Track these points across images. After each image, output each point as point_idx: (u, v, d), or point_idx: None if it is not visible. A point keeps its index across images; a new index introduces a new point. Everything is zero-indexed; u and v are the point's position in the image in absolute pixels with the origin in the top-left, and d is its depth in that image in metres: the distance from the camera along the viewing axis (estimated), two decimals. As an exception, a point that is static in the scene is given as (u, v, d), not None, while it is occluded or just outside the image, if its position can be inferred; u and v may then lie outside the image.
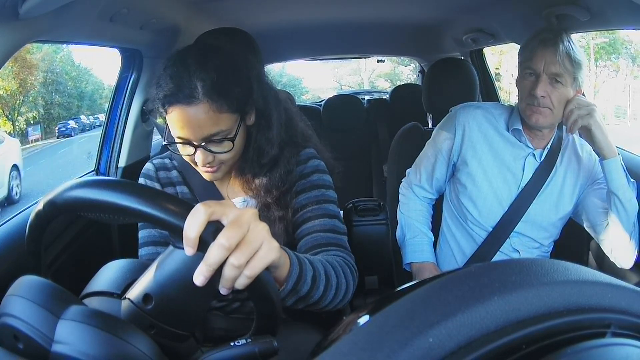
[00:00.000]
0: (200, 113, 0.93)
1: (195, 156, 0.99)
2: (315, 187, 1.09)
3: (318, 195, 1.08)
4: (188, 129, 0.95)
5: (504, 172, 1.43)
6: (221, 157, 0.99)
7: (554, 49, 1.27)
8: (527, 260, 0.41)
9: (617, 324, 0.36)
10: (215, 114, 0.94)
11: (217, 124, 0.95)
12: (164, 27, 1.77)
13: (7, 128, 13.87)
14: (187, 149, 0.99)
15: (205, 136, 0.96)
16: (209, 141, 0.97)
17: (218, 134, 0.96)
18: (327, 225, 1.06)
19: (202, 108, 0.93)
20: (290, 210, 1.08)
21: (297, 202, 1.08)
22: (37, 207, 0.69)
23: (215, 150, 0.98)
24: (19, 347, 0.59)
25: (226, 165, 1.03)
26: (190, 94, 0.93)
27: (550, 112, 1.33)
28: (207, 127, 0.95)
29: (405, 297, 0.38)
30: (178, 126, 0.96)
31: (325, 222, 1.06)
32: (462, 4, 2.12)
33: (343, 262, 1.00)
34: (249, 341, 0.67)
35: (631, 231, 1.31)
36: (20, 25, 0.99)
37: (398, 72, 19.62)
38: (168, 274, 0.66)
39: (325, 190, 1.10)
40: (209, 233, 0.61)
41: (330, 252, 1.02)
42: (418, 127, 1.84)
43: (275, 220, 1.06)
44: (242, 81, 1.00)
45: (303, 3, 2.18)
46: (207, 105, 0.93)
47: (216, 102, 0.94)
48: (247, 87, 1.00)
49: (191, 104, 0.93)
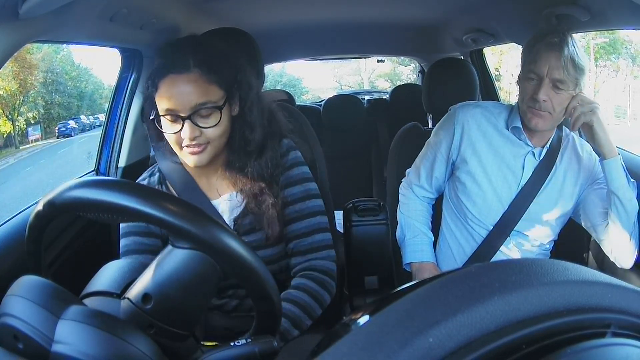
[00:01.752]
0: (190, 81, 0.99)
1: (182, 132, 1.00)
2: (297, 182, 1.12)
3: (301, 191, 1.12)
4: (178, 98, 0.98)
5: (503, 170, 1.43)
6: (208, 133, 1.01)
7: (559, 54, 1.26)
8: (527, 260, 0.41)
9: (617, 324, 0.36)
10: (205, 85, 0.99)
11: (206, 95, 1.00)
12: (164, 27, 1.77)
13: (7, 128, 13.86)
14: (174, 125, 1.01)
15: (193, 105, 0.99)
16: (197, 113, 0.99)
17: (206, 104, 1.00)
18: (312, 225, 1.12)
19: (193, 77, 0.99)
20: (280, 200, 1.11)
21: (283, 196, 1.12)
22: (37, 207, 0.69)
23: (202, 125, 1.00)
24: (19, 347, 0.59)
25: (212, 147, 1.03)
26: (182, 64, 0.99)
27: (550, 116, 1.33)
28: (196, 96, 0.99)
29: (405, 297, 0.38)
30: (167, 96, 0.99)
31: (310, 223, 1.12)
32: (462, 4, 2.12)
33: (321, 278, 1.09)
34: (249, 341, 0.67)
35: (631, 231, 1.31)
36: (20, 25, 0.99)
37: (398, 72, 19.60)
38: (167, 274, 0.66)
39: (306, 183, 1.14)
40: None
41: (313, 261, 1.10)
42: (418, 127, 1.83)
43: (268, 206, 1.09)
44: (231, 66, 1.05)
45: (303, 3, 2.18)
46: (197, 75, 0.99)
47: (206, 74, 1.00)
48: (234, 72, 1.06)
49: (182, 72, 0.99)
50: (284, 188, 1.11)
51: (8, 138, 14.07)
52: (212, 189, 1.15)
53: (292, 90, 11.42)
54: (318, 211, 1.14)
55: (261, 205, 1.08)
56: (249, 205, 1.09)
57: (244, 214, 1.11)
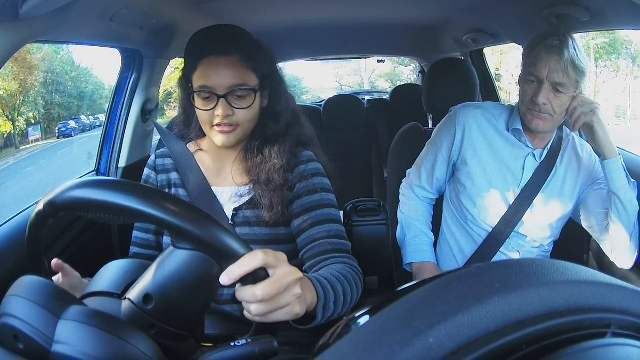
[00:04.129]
0: (229, 63, 1.05)
1: (215, 109, 1.05)
2: (317, 190, 1.12)
3: (319, 199, 1.12)
4: (217, 76, 1.04)
5: (503, 171, 1.43)
6: (239, 114, 1.06)
7: (559, 57, 1.26)
8: (527, 260, 0.41)
9: (617, 324, 0.36)
10: (242, 69, 1.06)
11: (242, 77, 1.06)
12: (164, 27, 1.77)
13: (7, 128, 13.86)
14: (208, 102, 1.06)
15: (231, 84, 1.04)
16: (232, 93, 1.05)
17: (242, 86, 1.05)
18: (332, 230, 1.10)
19: (232, 60, 1.05)
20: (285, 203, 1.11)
21: (300, 204, 1.11)
22: (38, 207, 0.69)
23: (236, 105, 1.06)
24: (19, 347, 0.59)
25: (241, 129, 1.08)
26: (223, 47, 1.06)
27: (550, 118, 1.33)
28: (235, 77, 1.05)
29: (405, 297, 0.38)
30: (206, 74, 1.05)
31: (330, 228, 1.10)
32: (462, 4, 2.12)
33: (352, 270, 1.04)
34: (249, 341, 0.67)
35: (631, 231, 1.31)
36: (20, 25, 0.99)
37: (398, 72, 19.61)
38: (168, 274, 0.66)
39: (325, 193, 1.13)
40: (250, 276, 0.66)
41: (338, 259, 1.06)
42: (418, 127, 1.83)
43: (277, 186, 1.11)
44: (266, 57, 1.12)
45: (303, 3, 2.18)
46: (236, 59, 1.05)
47: (244, 60, 1.06)
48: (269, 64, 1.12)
49: (222, 55, 1.05)
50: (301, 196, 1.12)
51: (8, 138, 14.07)
52: (221, 176, 1.17)
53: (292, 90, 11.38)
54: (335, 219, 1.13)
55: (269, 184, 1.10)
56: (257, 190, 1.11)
57: (246, 205, 1.13)
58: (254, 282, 0.67)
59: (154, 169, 1.21)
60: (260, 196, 1.11)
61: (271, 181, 1.11)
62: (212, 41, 1.08)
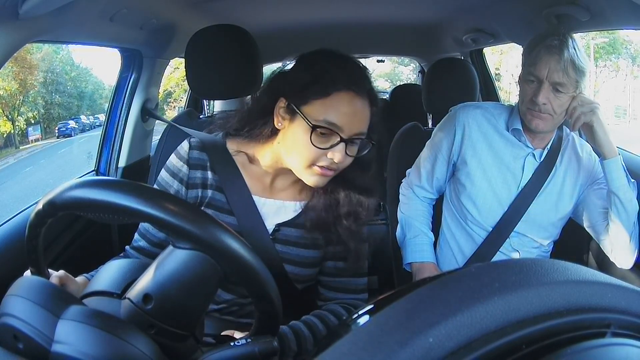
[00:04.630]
0: (365, 107, 0.96)
1: (331, 152, 0.94)
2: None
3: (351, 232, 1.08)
4: (350, 117, 0.94)
5: (503, 171, 1.43)
6: (347, 161, 0.97)
7: (559, 57, 1.26)
8: (527, 260, 0.41)
9: (617, 324, 0.36)
10: (368, 115, 0.97)
11: (366, 125, 0.97)
12: (164, 27, 1.77)
13: (7, 128, 13.86)
14: (326, 140, 0.94)
15: (356, 132, 0.95)
16: (353, 140, 0.96)
17: (363, 135, 0.97)
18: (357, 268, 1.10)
19: (367, 104, 0.96)
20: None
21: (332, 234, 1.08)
22: (37, 207, 0.69)
23: (350, 153, 0.96)
24: (19, 347, 0.59)
25: (335, 174, 1.00)
26: (362, 86, 0.95)
27: (551, 118, 1.32)
28: (363, 123, 0.97)
29: (405, 297, 0.38)
30: (339, 112, 0.93)
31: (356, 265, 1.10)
32: (462, 4, 2.12)
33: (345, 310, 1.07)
34: (249, 341, 0.67)
35: (631, 231, 1.31)
36: (20, 25, 0.99)
37: (398, 72, 19.61)
38: (168, 274, 0.66)
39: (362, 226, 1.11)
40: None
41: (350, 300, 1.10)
42: (418, 127, 1.83)
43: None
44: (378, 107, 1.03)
45: (303, 3, 2.18)
46: (368, 103, 0.97)
47: (371, 105, 0.98)
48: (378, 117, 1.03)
49: (361, 95, 0.95)
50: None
51: (8, 138, 14.06)
52: (265, 187, 1.08)
53: (292, 90, 11.33)
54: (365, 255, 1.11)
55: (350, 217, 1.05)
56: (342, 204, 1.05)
57: (290, 223, 1.07)
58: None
59: (188, 163, 1.05)
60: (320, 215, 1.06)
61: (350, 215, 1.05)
62: (352, 73, 0.96)
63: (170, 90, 13.95)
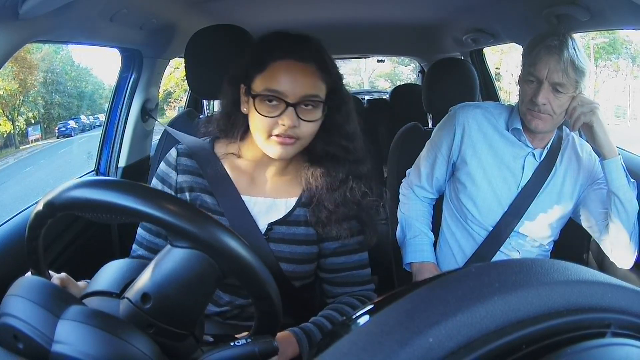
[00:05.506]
0: (307, 71, 0.98)
1: (281, 118, 0.97)
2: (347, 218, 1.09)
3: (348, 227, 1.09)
4: (290, 83, 0.97)
5: (503, 171, 1.43)
6: (303, 127, 0.99)
7: (559, 57, 1.26)
8: (527, 260, 0.41)
9: (617, 324, 0.36)
10: (317, 79, 0.99)
11: (315, 88, 0.99)
12: (164, 27, 1.77)
13: (7, 128, 13.86)
14: (273, 109, 0.97)
15: (303, 95, 0.97)
16: (302, 104, 0.98)
17: (313, 97, 0.98)
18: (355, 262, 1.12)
19: (310, 68, 0.98)
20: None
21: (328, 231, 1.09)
22: (37, 207, 0.69)
23: (303, 117, 0.98)
24: (19, 347, 0.59)
25: (299, 143, 1.01)
26: (302, 53, 0.99)
27: (550, 118, 1.33)
28: (308, 86, 0.98)
29: (405, 297, 0.38)
30: (278, 78, 0.97)
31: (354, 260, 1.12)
32: (462, 4, 2.12)
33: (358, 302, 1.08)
34: (249, 341, 0.67)
35: (631, 231, 1.31)
36: (20, 25, 0.99)
37: (398, 72, 19.61)
38: (166, 273, 0.66)
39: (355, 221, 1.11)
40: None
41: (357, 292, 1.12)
42: (418, 127, 1.83)
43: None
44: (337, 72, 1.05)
45: (303, 3, 2.18)
46: (313, 68, 0.99)
47: (320, 70, 0.99)
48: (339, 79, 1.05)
49: (300, 61, 0.98)
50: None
51: (8, 138, 14.07)
52: (256, 186, 1.09)
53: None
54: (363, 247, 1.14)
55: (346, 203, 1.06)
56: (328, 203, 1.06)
57: (283, 221, 1.08)
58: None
59: (176, 169, 1.09)
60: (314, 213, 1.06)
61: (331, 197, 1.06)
62: (290, 43, 1.00)
63: (170, 90, 13.96)
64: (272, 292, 0.70)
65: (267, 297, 0.70)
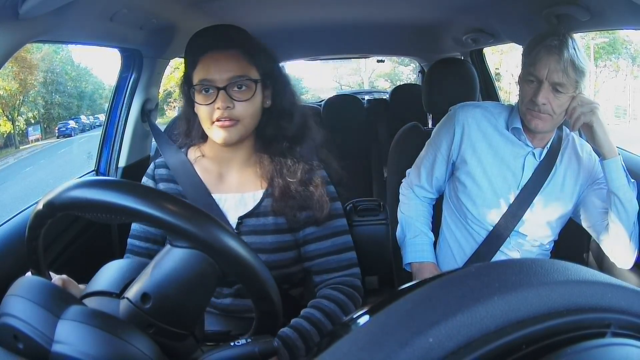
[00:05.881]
0: (230, 57, 1.05)
1: (215, 102, 1.03)
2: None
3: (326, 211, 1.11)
4: (217, 69, 1.04)
5: (503, 170, 1.43)
6: (239, 107, 1.05)
7: (558, 57, 1.26)
8: (527, 260, 0.41)
9: (617, 324, 0.36)
10: (243, 62, 1.06)
11: (242, 70, 1.05)
12: (164, 27, 1.77)
13: (7, 128, 13.86)
14: (208, 97, 1.05)
15: (231, 76, 1.04)
16: (233, 85, 1.04)
17: (242, 77, 1.05)
18: (337, 245, 1.13)
19: (233, 53, 1.06)
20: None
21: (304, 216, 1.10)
22: (37, 207, 0.69)
23: (236, 97, 1.04)
24: (19, 347, 0.59)
25: (242, 125, 1.06)
26: (224, 43, 1.07)
27: (550, 118, 1.33)
28: (235, 69, 1.05)
29: (405, 297, 0.38)
30: (207, 68, 1.05)
31: (335, 242, 1.13)
32: (462, 4, 2.12)
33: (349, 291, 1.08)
34: (249, 341, 0.67)
35: (631, 231, 1.31)
36: (20, 25, 0.99)
37: (398, 72, 19.60)
38: (166, 273, 0.66)
39: (332, 203, 1.13)
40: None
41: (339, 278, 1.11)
42: (418, 127, 1.83)
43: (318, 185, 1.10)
44: (268, 57, 1.12)
45: (303, 3, 2.18)
46: (237, 53, 1.06)
47: (245, 55, 1.07)
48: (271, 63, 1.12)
49: (223, 50, 1.06)
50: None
51: (8, 138, 14.07)
52: (224, 183, 1.14)
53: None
54: (343, 230, 1.15)
55: (308, 186, 1.09)
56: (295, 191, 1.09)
57: (252, 214, 1.11)
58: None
59: (153, 178, 1.18)
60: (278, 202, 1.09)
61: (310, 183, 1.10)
62: (212, 38, 1.09)
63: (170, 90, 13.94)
64: (272, 292, 0.70)
65: (267, 297, 0.70)
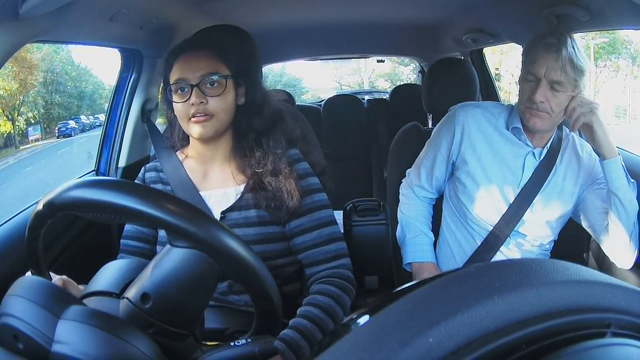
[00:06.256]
0: (201, 56, 1.11)
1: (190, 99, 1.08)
2: (306, 193, 1.14)
3: (310, 203, 1.14)
4: (190, 68, 1.10)
5: (503, 170, 1.43)
6: (212, 102, 1.09)
7: (557, 55, 1.26)
8: (527, 260, 0.41)
9: (617, 324, 0.36)
10: (214, 60, 1.12)
11: (213, 67, 1.11)
12: (164, 27, 1.77)
13: (7, 128, 13.86)
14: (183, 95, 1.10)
15: (202, 74, 1.09)
16: (205, 81, 1.09)
17: (214, 74, 1.10)
18: (324, 236, 1.13)
19: (204, 53, 1.12)
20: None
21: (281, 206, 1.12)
22: (37, 207, 0.69)
23: (209, 93, 1.09)
24: (19, 347, 0.59)
25: (216, 120, 1.10)
26: (194, 45, 1.15)
27: (549, 117, 1.33)
28: (206, 67, 1.10)
29: (405, 297, 0.38)
30: (180, 69, 1.11)
31: (321, 233, 1.13)
32: (462, 4, 2.12)
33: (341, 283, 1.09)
34: (249, 341, 0.67)
35: (631, 231, 1.31)
36: (20, 25, 0.99)
37: (398, 72, 19.60)
38: (165, 273, 0.66)
39: (315, 194, 1.15)
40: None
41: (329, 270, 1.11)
42: (418, 127, 1.83)
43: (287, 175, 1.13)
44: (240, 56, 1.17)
45: (303, 3, 2.18)
46: (208, 52, 1.12)
47: (217, 54, 1.12)
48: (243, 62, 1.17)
49: (194, 50, 1.12)
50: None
51: (8, 138, 14.07)
52: (208, 180, 1.19)
53: (292, 90, 11.47)
54: (329, 221, 1.16)
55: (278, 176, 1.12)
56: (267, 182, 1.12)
57: (233, 208, 1.14)
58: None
59: (144, 181, 1.25)
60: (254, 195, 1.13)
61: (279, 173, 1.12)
62: (185, 41, 1.16)
63: (170, 90, 13.90)
64: (272, 292, 0.70)
65: (267, 297, 0.70)
